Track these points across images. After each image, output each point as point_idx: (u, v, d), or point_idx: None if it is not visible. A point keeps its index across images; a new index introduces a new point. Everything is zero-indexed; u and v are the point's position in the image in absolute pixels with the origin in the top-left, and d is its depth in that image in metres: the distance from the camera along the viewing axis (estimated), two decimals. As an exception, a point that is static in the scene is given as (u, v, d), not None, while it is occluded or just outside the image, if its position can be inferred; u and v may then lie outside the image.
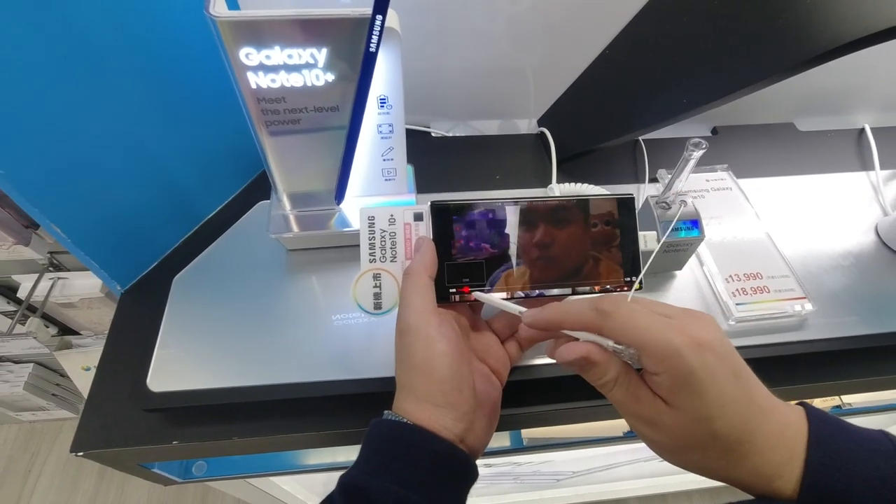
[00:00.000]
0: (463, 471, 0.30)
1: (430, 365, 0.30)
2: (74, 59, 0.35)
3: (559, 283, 0.36)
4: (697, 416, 0.26)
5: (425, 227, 0.36)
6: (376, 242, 0.36)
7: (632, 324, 0.27)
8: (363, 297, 0.35)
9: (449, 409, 0.30)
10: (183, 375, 0.40)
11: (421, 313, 0.31)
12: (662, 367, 0.26)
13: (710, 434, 0.26)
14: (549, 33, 0.54)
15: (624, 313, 0.27)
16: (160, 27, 0.39)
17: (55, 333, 0.94)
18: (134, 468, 0.46)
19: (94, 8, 0.35)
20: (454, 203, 0.35)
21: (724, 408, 0.25)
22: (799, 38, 0.38)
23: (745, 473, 0.26)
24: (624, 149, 0.59)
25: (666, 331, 0.26)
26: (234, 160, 0.51)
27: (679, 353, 0.25)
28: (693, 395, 0.25)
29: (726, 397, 0.25)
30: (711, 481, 0.27)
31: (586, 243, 0.36)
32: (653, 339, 0.26)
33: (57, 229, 0.39)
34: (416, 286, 0.32)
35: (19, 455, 1.26)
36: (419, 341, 0.31)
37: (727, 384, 0.25)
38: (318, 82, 0.35)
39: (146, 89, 0.41)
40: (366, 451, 0.30)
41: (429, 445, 0.29)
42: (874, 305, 0.47)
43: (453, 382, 0.30)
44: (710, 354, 0.25)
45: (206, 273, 0.47)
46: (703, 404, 0.25)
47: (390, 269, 0.35)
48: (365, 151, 0.42)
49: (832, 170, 0.58)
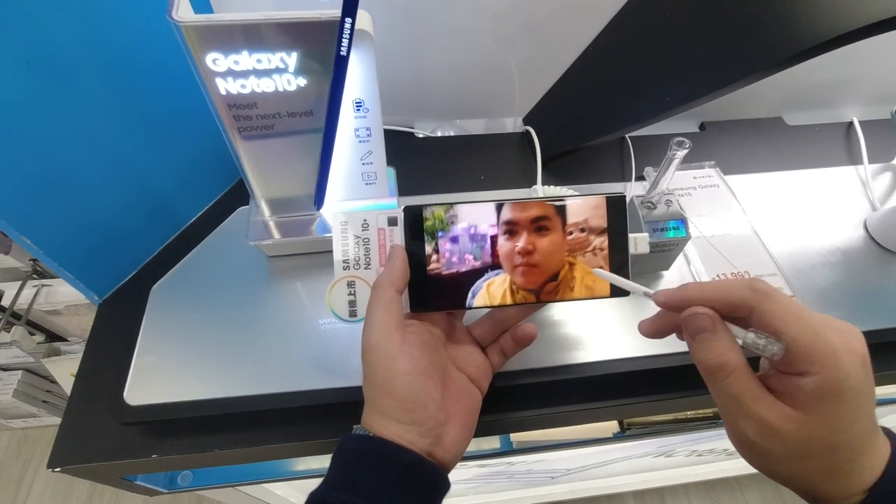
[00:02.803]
0: (432, 482, 0.30)
1: (390, 384, 0.30)
2: (40, 67, 0.34)
3: (542, 290, 0.35)
4: (831, 427, 0.24)
5: (400, 232, 0.34)
6: (349, 249, 0.35)
7: (793, 311, 0.24)
8: (338, 305, 0.35)
9: (413, 425, 0.30)
10: (161, 388, 0.39)
11: (383, 330, 0.30)
12: (816, 367, 0.23)
13: (831, 446, 0.24)
14: (533, 30, 0.53)
15: (783, 297, 0.25)
16: (129, 33, 0.38)
17: (42, 340, 0.93)
18: (115, 481, 0.45)
19: (59, 15, 0.34)
20: (429, 206, 0.34)
21: (855, 423, 0.24)
22: (784, 34, 0.38)
23: (835, 489, 0.25)
24: (610, 147, 0.58)
25: (825, 329, 0.24)
26: (212, 166, 0.50)
27: (837, 354, 0.23)
28: (838, 403, 0.24)
29: (863, 411, 0.24)
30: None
31: (572, 248, 0.35)
32: (814, 334, 0.24)
33: (28, 241, 0.38)
34: (380, 301, 0.31)
35: (12, 462, 1.25)
36: (380, 360, 0.30)
37: (867, 399, 0.24)
38: (289, 87, 0.34)
39: (118, 96, 0.40)
40: (333, 466, 0.30)
41: (395, 458, 0.29)
42: (863, 301, 0.47)
43: (416, 401, 0.30)
44: (863, 365, 0.24)
45: (185, 282, 0.46)
46: (842, 414, 0.24)
47: (364, 277, 0.35)
48: (343, 156, 0.41)
49: (820, 164, 0.58)
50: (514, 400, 0.43)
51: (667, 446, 0.94)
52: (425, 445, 0.30)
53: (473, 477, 0.93)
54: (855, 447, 0.24)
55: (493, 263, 0.35)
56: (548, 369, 0.42)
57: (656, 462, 1.05)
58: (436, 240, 0.34)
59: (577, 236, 0.34)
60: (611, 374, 0.42)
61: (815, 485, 0.25)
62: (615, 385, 0.43)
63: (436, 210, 0.34)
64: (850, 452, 0.24)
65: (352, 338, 0.42)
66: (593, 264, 0.34)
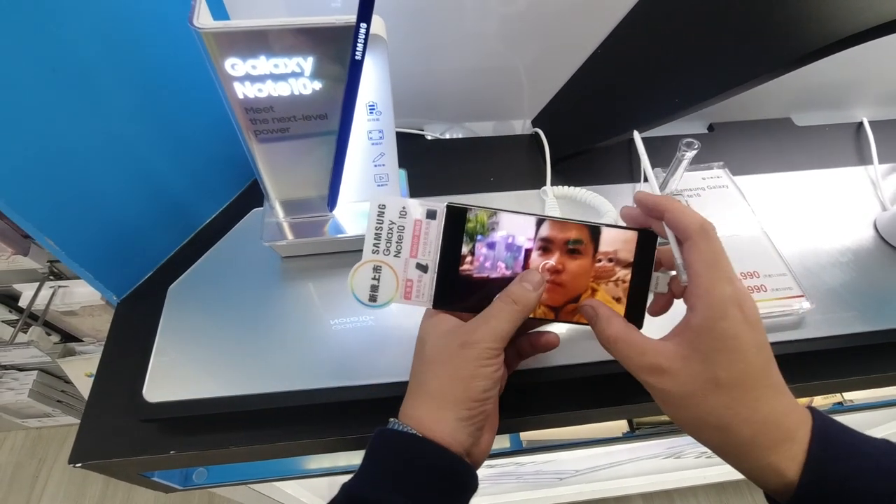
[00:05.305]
0: (467, 483, 0.31)
1: (472, 382, 0.30)
2: (63, 73, 0.35)
3: (562, 309, 0.35)
4: (709, 360, 0.27)
5: (437, 226, 0.34)
6: (382, 233, 0.34)
7: (714, 258, 0.29)
8: (360, 288, 0.34)
9: (469, 423, 0.30)
10: (179, 385, 0.40)
11: (497, 336, 0.31)
12: (701, 303, 0.28)
13: (714, 380, 0.27)
14: (542, 33, 0.54)
15: (717, 246, 0.29)
16: (149, 38, 0.39)
17: (58, 341, 0.95)
18: (133, 478, 0.46)
19: (81, 20, 0.35)
20: (473, 208, 0.34)
21: (734, 363, 0.27)
22: (792, 35, 0.38)
23: (746, 436, 0.27)
24: (619, 148, 0.59)
25: (726, 282, 0.28)
26: (227, 168, 0.51)
27: (723, 301, 0.27)
28: (712, 339, 0.27)
29: (744, 356, 0.27)
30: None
31: (598, 275, 0.35)
32: (715, 279, 0.28)
33: (51, 242, 0.39)
34: (512, 311, 0.32)
35: (26, 461, 1.27)
36: (476, 357, 0.30)
37: (749, 348, 0.27)
38: (305, 91, 0.35)
39: (137, 100, 0.41)
40: (371, 459, 0.30)
41: (437, 460, 0.29)
42: (873, 302, 0.47)
43: (484, 401, 0.31)
44: (746, 322, 0.28)
45: (201, 282, 0.47)
46: (718, 349, 0.27)
47: (392, 264, 0.34)
48: (356, 158, 0.42)
49: (830, 165, 0.58)
50: (525, 399, 0.43)
51: (676, 447, 0.94)
52: (469, 445, 0.31)
53: (482, 478, 0.93)
54: (744, 387, 0.27)
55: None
56: (559, 368, 0.42)
57: (665, 464, 1.05)
58: (474, 242, 0.34)
59: (604, 265, 0.35)
60: (622, 373, 0.42)
61: (727, 431, 0.28)
62: (625, 384, 0.44)
63: (479, 213, 0.34)
64: (738, 391, 0.27)
65: (366, 337, 0.43)
66: (614, 294, 0.35)
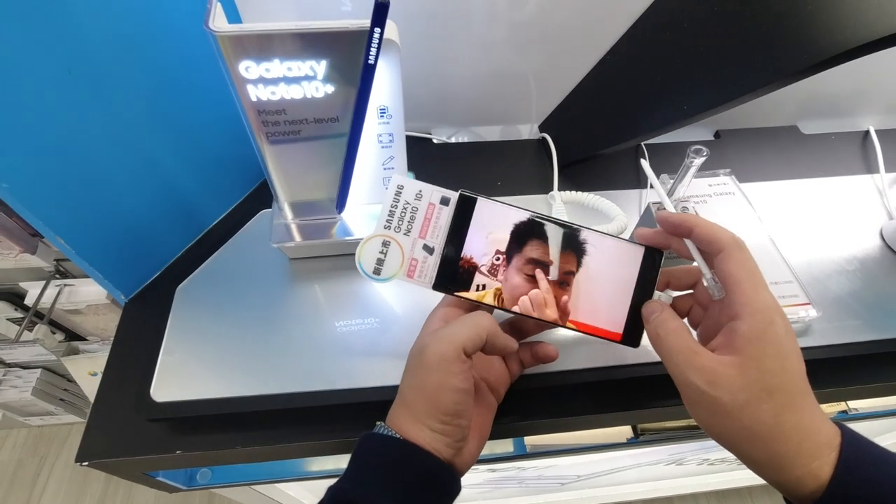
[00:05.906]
0: (450, 488, 0.31)
1: (439, 396, 0.30)
2: (78, 73, 0.35)
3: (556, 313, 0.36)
4: (763, 368, 0.27)
5: (448, 213, 0.36)
6: (396, 212, 0.36)
7: (750, 267, 0.30)
8: (366, 260, 0.36)
9: (445, 436, 0.31)
10: (186, 385, 0.41)
11: (454, 344, 0.30)
12: (748, 310, 0.28)
13: (767, 388, 0.27)
14: (550, 39, 0.54)
15: (750, 258, 0.30)
16: (162, 39, 0.39)
17: (62, 339, 0.95)
18: (138, 477, 0.46)
19: (95, 21, 0.35)
20: (481, 197, 0.35)
21: (784, 370, 0.28)
22: (801, 45, 0.38)
23: (793, 444, 0.27)
24: (626, 154, 0.59)
25: (765, 290, 0.29)
26: (236, 169, 0.52)
27: (768, 307, 0.28)
28: (764, 344, 0.28)
29: (788, 363, 0.28)
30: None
31: (603, 284, 0.36)
32: (757, 288, 0.29)
33: (61, 241, 0.39)
34: (468, 317, 0.32)
35: (28, 459, 1.27)
36: (439, 371, 0.30)
37: (791, 355, 0.28)
38: (317, 94, 0.35)
39: (149, 101, 0.41)
40: (357, 463, 0.31)
41: (421, 464, 0.30)
42: (880, 310, 0.47)
43: (456, 415, 0.31)
44: (787, 331, 0.28)
45: (209, 282, 0.47)
46: (770, 355, 0.27)
47: (400, 241, 0.36)
48: (365, 161, 0.42)
49: (836, 173, 0.58)
50: (528, 403, 0.43)
51: (678, 454, 0.94)
52: (450, 455, 0.31)
53: (483, 482, 0.93)
54: (791, 394, 0.28)
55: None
56: (563, 373, 0.42)
57: (667, 470, 1.04)
58: (474, 229, 0.35)
59: (620, 273, 0.36)
60: (626, 378, 0.42)
61: (770, 440, 0.28)
62: (630, 390, 0.44)
63: (488, 202, 0.35)
64: (785, 398, 0.27)
65: (373, 338, 0.43)
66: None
